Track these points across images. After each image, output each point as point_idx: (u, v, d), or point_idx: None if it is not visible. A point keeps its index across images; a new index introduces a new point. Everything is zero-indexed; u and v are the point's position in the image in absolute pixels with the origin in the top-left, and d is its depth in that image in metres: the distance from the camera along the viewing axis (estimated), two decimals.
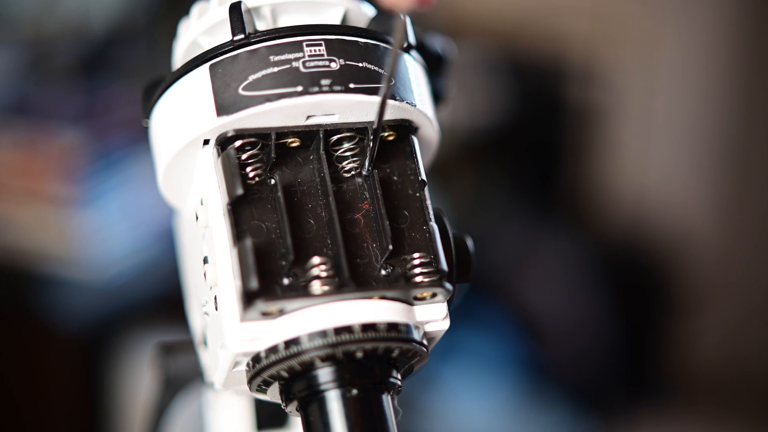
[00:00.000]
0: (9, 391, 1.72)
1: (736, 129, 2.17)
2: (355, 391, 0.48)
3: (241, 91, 0.49)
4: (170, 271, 1.01)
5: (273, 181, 0.50)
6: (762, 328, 2.22)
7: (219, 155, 0.50)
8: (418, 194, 0.51)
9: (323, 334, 0.47)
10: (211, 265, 0.50)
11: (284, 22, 0.54)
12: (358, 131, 0.51)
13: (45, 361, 1.69)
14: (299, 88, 0.49)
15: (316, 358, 0.48)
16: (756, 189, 2.20)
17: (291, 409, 0.50)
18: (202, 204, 0.52)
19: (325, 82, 0.49)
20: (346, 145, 0.51)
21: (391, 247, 0.48)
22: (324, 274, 0.47)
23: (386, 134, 0.51)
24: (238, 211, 0.49)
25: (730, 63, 2.14)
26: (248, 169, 0.50)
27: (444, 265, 0.49)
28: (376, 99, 0.50)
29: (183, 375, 0.65)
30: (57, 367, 1.69)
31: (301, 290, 0.47)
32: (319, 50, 0.50)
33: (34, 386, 1.71)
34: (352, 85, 0.50)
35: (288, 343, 0.48)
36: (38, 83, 1.78)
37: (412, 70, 0.53)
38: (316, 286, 0.47)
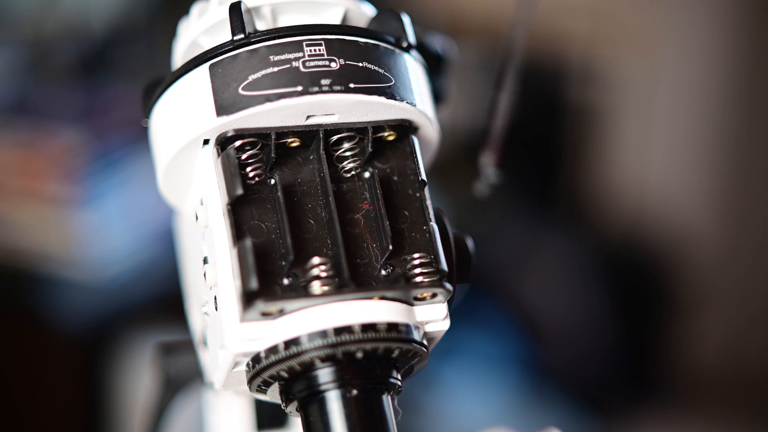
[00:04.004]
0: (9, 391, 1.72)
1: (736, 129, 2.17)
2: (355, 392, 0.48)
3: (241, 91, 0.49)
4: (170, 271, 1.01)
5: (273, 181, 0.50)
6: (762, 329, 2.22)
7: (219, 155, 0.50)
8: (418, 194, 0.51)
9: (323, 334, 0.47)
10: (211, 265, 0.50)
11: (284, 21, 0.54)
12: (358, 131, 0.51)
13: (45, 361, 1.69)
14: (299, 88, 0.49)
15: (316, 359, 0.47)
16: (756, 189, 2.20)
17: (291, 409, 0.50)
18: (202, 204, 0.52)
19: (325, 81, 0.49)
20: (346, 145, 0.51)
21: (391, 247, 0.48)
22: (324, 275, 0.47)
23: (386, 134, 0.51)
24: (238, 211, 0.49)
25: (730, 63, 2.14)
26: (248, 169, 0.50)
27: (444, 266, 0.49)
28: (375, 99, 0.50)
29: (183, 375, 0.65)
30: (57, 367, 1.69)
31: (301, 290, 0.47)
32: (319, 50, 0.50)
33: (34, 386, 1.71)
34: (352, 85, 0.50)
35: (288, 344, 0.47)
36: (38, 83, 1.78)
37: (412, 69, 0.53)
38: (316, 287, 0.47)
